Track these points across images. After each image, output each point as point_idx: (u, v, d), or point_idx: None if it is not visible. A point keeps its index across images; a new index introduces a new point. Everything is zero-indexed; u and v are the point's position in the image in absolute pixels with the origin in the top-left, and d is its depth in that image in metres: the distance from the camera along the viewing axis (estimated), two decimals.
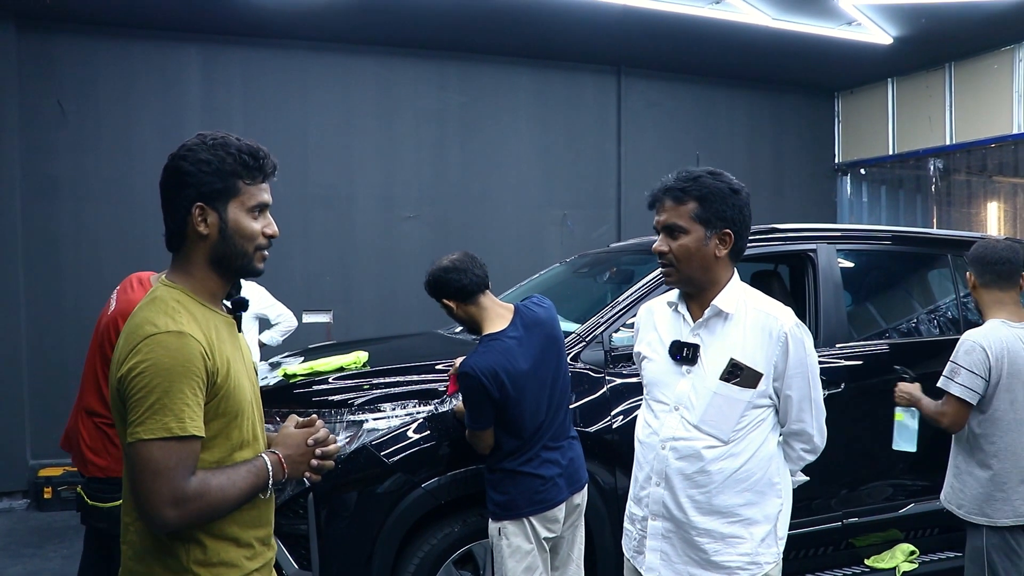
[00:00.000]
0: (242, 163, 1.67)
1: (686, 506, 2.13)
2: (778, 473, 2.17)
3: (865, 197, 8.86)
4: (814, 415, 2.18)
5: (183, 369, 1.56)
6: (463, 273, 2.89)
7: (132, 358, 1.57)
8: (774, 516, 2.15)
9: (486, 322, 2.91)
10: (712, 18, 6.27)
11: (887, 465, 4.00)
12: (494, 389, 2.73)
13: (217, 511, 1.61)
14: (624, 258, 4.69)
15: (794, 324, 2.12)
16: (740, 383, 2.09)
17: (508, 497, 2.84)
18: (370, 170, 7.04)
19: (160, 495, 1.53)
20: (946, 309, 4.50)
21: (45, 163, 6.17)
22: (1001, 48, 7.12)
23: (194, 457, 1.58)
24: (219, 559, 1.66)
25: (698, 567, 2.12)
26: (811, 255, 4.01)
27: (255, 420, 1.77)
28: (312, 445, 1.76)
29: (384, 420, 3.18)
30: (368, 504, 3.09)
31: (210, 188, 1.65)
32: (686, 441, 2.14)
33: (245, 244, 1.70)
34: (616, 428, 3.33)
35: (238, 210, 1.68)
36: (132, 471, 1.56)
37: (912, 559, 4.00)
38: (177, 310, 1.62)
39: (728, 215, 2.12)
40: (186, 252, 1.70)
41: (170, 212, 1.68)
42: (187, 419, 1.55)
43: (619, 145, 7.84)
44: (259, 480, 1.67)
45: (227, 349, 1.69)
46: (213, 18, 6.26)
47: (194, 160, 1.65)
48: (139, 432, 1.54)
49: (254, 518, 1.74)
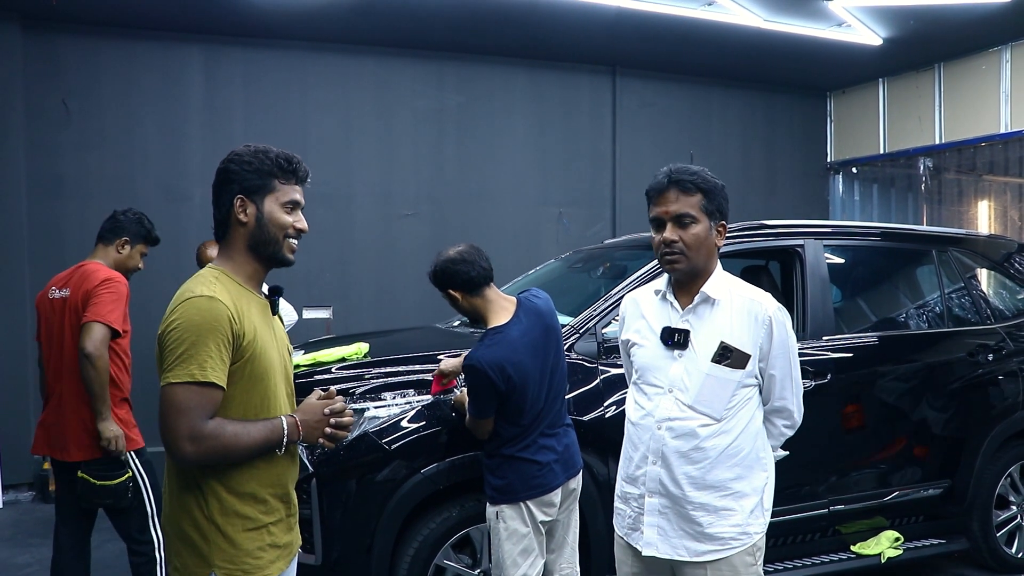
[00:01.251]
0: (278, 165, 1.99)
1: (682, 482, 2.25)
2: (764, 448, 2.32)
3: (857, 195, 9.00)
4: (794, 392, 2.33)
5: (210, 327, 1.82)
6: (470, 265, 2.94)
7: (170, 316, 1.87)
8: (761, 489, 2.29)
9: (490, 314, 2.96)
10: (705, 19, 6.39)
11: (872, 453, 4.12)
12: (500, 382, 2.79)
13: (230, 453, 1.85)
14: (617, 254, 4.80)
15: (776, 308, 2.28)
16: (731, 364, 2.22)
17: (506, 482, 2.92)
18: (369, 169, 7.15)
19: (180, 430, 1.81)
20: (932, 303, 4.63)
21: (50, 162, 6.29)
22: (989, 49, 7.26)
23: (213, 403, 1.84)
24: (234, 511, 1.90)
25: (693, 540, 2.24)
26: (799, 250, 4.12)
27: (280, 390, 2.01)
28: (328, 414, 1.99)
29: (385, 408, 3.29)
30: (369, 489, 3.19)
31: (250, 183, 1.97)
32: (681, 421, 2.26)
33: (276, 232, 1.99)
34: (609, 417, 3.44)
35: (273, 204, 1.99)
36: (161, 410, 1.84)
37: (897, 545, 4.12)
38: (213, 283, 1.91)
39: (724, 209, 2.30)
40: (229, 239, 2.01)
41: (218, 205, 1.99)
42: (209, 369, 1.82)
43: (614, 144, 7.96)
44: (273, 435, 1.91)
45: (256, 320, 1.95)
46: (214, 19, 6.36)
47: (239, 162, 1.98)
48: (168, 376, 1.83)
49: (272, 476, 1.97)
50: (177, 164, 6.63)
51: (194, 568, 1.89)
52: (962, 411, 4.32)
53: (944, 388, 4.29)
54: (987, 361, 4.41)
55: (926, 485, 4.22)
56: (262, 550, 1.93)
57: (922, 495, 4.22)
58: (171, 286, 6.70)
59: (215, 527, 1.88)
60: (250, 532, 1.91)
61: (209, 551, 1.87)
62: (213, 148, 6.73)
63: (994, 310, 4.70)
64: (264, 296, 2.06)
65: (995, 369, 4.42)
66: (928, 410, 4.25)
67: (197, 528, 1.88)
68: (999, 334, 4.52)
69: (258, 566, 1.92)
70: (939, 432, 4.28)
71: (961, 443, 4.31)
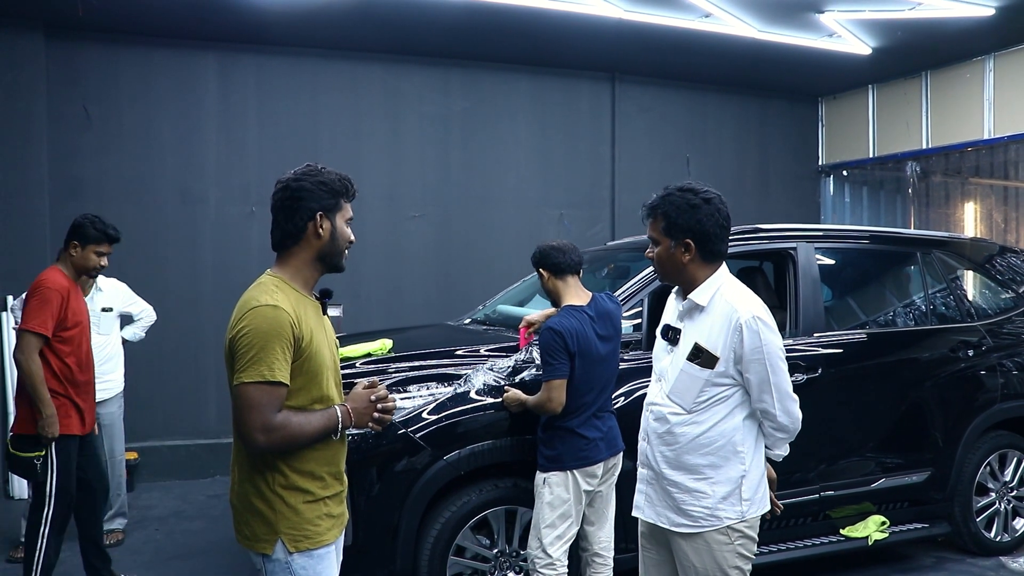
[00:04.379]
0: (344, 186, 2.26)
1: (659, 459, 2.56)
2: (743, 443, 2.47)
3: (847, 198, 9.22)
4: (776, 397, 2.43)
5: (276, 333, 2.05)
6: (563, 253, 3.48)
7: (240, 323, 2.08)
8: (736, 479, 2.45)
9: (566, 297, 3.48)
10: (702, 30, 6.61)
11: (861, 443, 4.37)
12: (572, 343, 3.29)
13: (297, 441, 2.10)
14: (620, 255, 5.04)
15: (751, 316, 2.40)
16: (701, 363, 2.46)
17: (557, 452, 3.36)
18: (377, 172, 7.33)
19: (254, 423, 2.04)
20: (916, 302, 4.87)
21: (71, 165, 6.47)
22: (973, 59, 7.51)
23: (280, 399, 2.07)
24: (296, 486, 2.15)
25: (672, 511, 2.53)
26: (791, 253, 4.37)
27: (331, 382, 2.24)
28: (374, 401, 2.24)
29: (410, 400, 3.54)
30: (395, 476, 3.45)
31: (327, 202, 2.21)
32: (659, 407, 2.58)
33: (343, 245, 2.27)
34: (618, 407, 3.66)
35: (340, 220, 2.26)
36: (235, 406, 2.06)
37: (883, 529, 4.37)
38: (275, 291, 2.12)
39: (687, 226, 2.46)
40: (295, 250, 2.21)
41: (291, 219, 2.19)
42: (276, 369, 2.04)
43: (613, 148, 8.17)
44: (330, 423, 2.16)
45: (312, 323, 2.18)
46: (228, 27, 6.54)
47: (314, 182, 2.21)
48: (241, 376, 2.04)
49: (328, 457, 2.21)
50: (192, 167, 6.83)
51: (263, 535, 2.14)
52: (945, 403, 4.56)
53: (928, 382, 4.54)
54: (968, 357, 4.66)
55: (911, 473, 4.48)
56: (320, 519, 2.18)
57: (907, 482, 4.47)
58: (187, 285, 7.03)
59: (281, 499, 2.13)
60: (310, 504, 2.16)
61: (276, 520, 2.12)
62: (227, 152, 6.94)
63: (976, 309, 4.96)
64: (316, 298, 2.28)
65: (976, 364, 4.67)
66: (912, 403, 4.50)
67: (266, 501, 2.13)
68: (980, 331, 4.77)
69: (317, 532, 2.17)
70: (923, 423, 4.53)
71: (944, 433, 4.56)
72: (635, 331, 3.97)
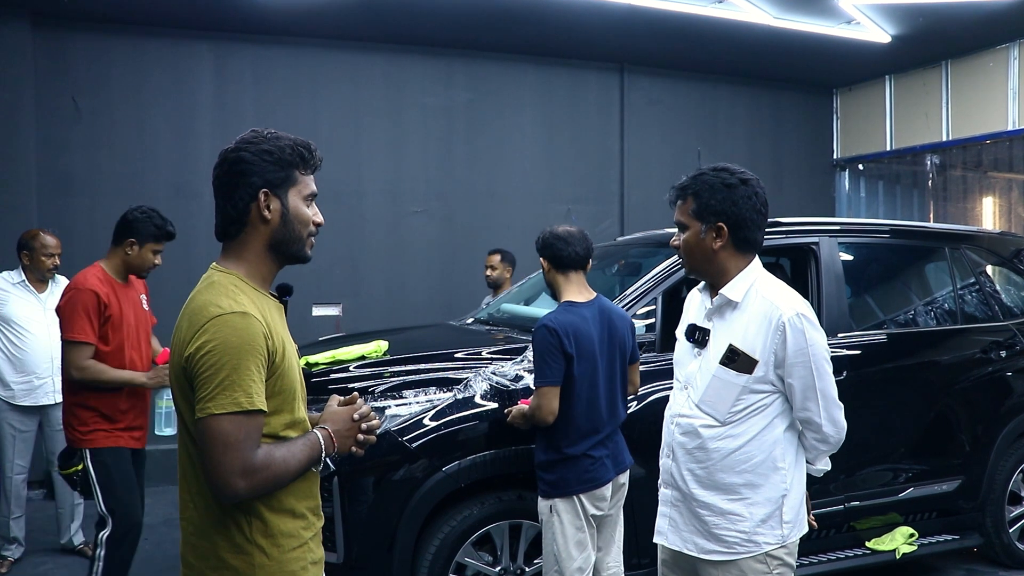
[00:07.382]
0: (299, 154, 1.80)
1: (687, 478, 2.27)
2: (783, 458, 2.21)
3: (863, 192, 9.00)
4: (821, 405, 2.18)
5: (249, 347, 1.64)
6: (567, 245, 3.10)
7: (200, 337, 1.64)
8: (777, 499, 2.19)
9: (565, 292, 3.12)
10: (714, 17, 6.38)
11: (887, 450, 4.14)
12: (568, 343, 2.93)
13: (280, 481, 1.70)
14: (632, 251, 4.81)
15: (795, 314, 2.16)
16: (737, 368, 2.18)
17: (559, 476, 3.00)
18: (379, 165, 7.15)
19: (231, 466, 1.60)
20: (943, 300, 4.64)
21: (60, 159, 6.29)
22: (997, 47, 7.26)
23: (260, 430, 1.67)
24: (279, 530, 1.75)
25: (701, 537, 2.25)
26: (813, 248, 4.14)
27: (301, 401, 1.86)
28: (357, 420, 1.85)
29: (406, 407, 3.31)
30: (390, 487, 3.22)
31: (274, 176, 1.77)
32: (687, 418, 2.28)
33: (301, 229, 1.82)
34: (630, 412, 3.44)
35: (296, 197, 1.81)
36: (203, 445, 1.63)
37: (911, 541, 4.14)
38: (236, 293, 1.71)
39: (719, 208, 2.21)
40: (243, 239, 1.80)
41: (231, 200, 1.77)
42: (254, 394, 1.63)
43: (622, 141, 7.96)
44: (314, 452, 1.76)
45: (281, 331, 1.79)
46: (224, 16, 6.36)
47: (256, 151, 1.76)
48: (210, 407, 1.61)
49: (305, 490, 1.83)
50: (187, 161, 6.63)
51: None
52: (975, 408, 4.34)
53: (957, 385, 4.31)
54: (999, 358, 4.43)
55: (940, 481, 4.24)
56: (305, 569, 1.81)
57: (936, 491, 4.24)
58: (181, 284, 6.70)
59: (261, 550, 1.72)
60: (295, 551, 1.78)
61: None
62: (223, 145, 6.64)
63: (1005, 307, 4.71)
64: (274, 296, 1.87)
65: (1007, 366, 4.44)
66: (941, 407, 4.27)
67: (242, 554, 1.72)
68: (1011, 331, 4.54)
69: None
70: (953, 428, 4.30)
71: (974, 439, 4.33)
72: (647, 331, 3.73)
